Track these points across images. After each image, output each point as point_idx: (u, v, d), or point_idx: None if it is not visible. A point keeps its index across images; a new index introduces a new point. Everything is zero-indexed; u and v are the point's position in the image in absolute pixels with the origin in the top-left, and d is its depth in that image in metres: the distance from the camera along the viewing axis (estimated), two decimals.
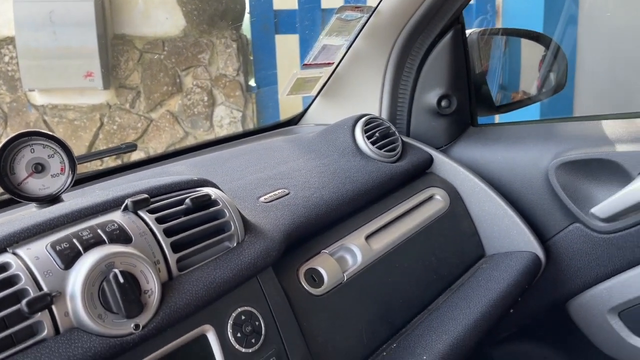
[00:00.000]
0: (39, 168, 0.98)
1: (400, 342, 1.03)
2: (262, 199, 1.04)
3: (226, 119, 4.06)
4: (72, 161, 0.99)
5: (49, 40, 3.74)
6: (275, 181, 1.12)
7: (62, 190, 0.95)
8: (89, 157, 1.37)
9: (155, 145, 4.02)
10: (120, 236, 0.75)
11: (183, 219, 0.81)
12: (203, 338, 0.78)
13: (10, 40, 3.80)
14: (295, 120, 1.64)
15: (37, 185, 0.97)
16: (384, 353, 1.00)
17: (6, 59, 3.86)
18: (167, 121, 4.03)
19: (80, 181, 1.22)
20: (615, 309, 1.17)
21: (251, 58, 4.02)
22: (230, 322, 0.81)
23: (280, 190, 1.08)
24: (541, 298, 1.29)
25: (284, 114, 3.91)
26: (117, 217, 0.78)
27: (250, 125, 4.08)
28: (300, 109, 1.64)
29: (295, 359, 0.86)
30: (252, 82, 4.08)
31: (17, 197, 0.90)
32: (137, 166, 1.36)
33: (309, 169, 1.19)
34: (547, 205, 1.24)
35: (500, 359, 1.45)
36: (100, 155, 1.45)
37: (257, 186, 1.09)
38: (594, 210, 1.17)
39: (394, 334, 1.05)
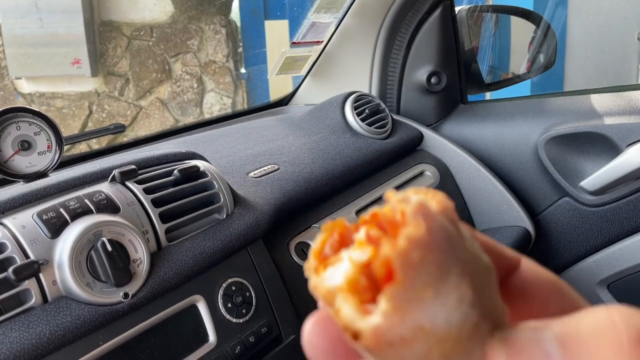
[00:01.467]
0: (25, 145, 0.97)
1: None
2: (251, 174, 1.04)
3: (216, 105, 4.04)
4: (59, 138, 0.98)
5: (35, 27, 3.69)
6: (265, 157, 1.12)
7: (49, 168, 0.94)
8: (77, 137, 1.35)
9: (145, 133, 3.99)
10: (107, 206, 0.74)
11: (171, 189, 0.81)
12: (193, 308, 0.78)
13: None
14: (285, 101, 1.63)
15: (24, 163, 0.95)
16: None
17: None
18: (157, 108, 4.00)
19: (67, 162, 1.21)
20: (604, 281, 1.18)
21: (240, 44, 3.99)
22: (221, 292, 0.80)
23: (269, 166, 1.07)
24: None
25: None
26: (104, 187, 0.77)
27: None
28: None
29: (286, 330, 0.86)
30: (242, 69, 4.06)
31: (3, 174, 0.89)
32: (125, 147, 1.35)
33: (298, 146, 1.19)
34: (537, 180, 1.25)
35: None
36: (88, 136, 1.43)
37: (247, 162, 1.08)
38: (582, 183, 1.17)
39: None
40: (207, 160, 0.91)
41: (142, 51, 3.90)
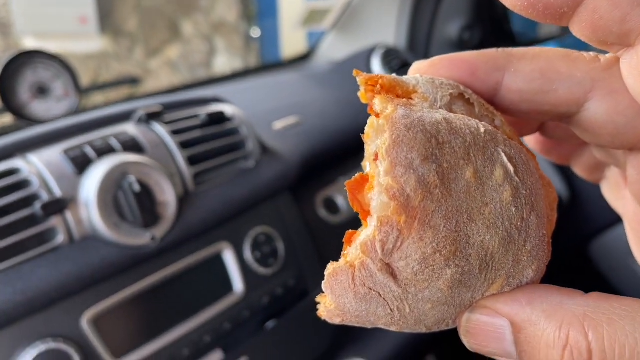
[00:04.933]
0: (42, 90, 0.94)
1: None
2: (276, 126, 1.00)
3: (227, 67, 3.96)
4: (77, 83, 0.94)
5: None
6: (290, 110, 1.07)
7: (69, 114, 0.91)
8: (91, 88, 1.31)
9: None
10: (133, 146, 0.70)
11: (199, 132, 0.77)
12: (221, 256, 0.75)
13: None
14: (307, 57, 1.58)
15: (42, 108, 0.92)
16: None
17: None
18: (166, 70, 3.93)
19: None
20: None
21: (252, 3, 3.90)
22: (249, 241, 0.77)
23: (295, 119, 1.03)
24: (562, 241, 1.26)
25: None
26: (130, 128, 0.74)
27: None
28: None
29: (313, 285, 0.83)
30: (253, 29, 3.98)
31: (24, 118, 0.86)
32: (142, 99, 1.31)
33: (324, 100, 1.14)
34: None
35: None
36: (102, 87, 1.39)
37: (271, 114, 1.04)
38: None
39: None
40: (234, 105, 0.87)
41: (151, 11, 3.82)
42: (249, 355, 0.72)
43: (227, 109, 0.83)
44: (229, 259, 0.75)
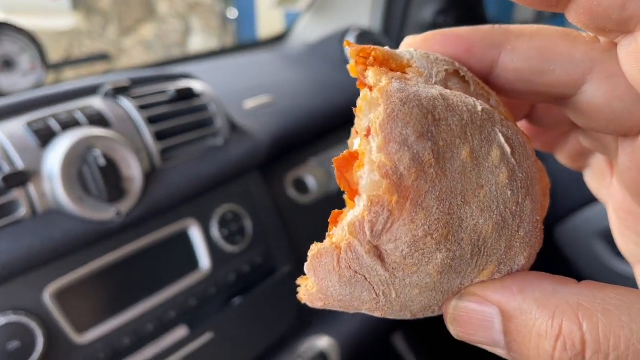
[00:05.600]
0: (8, 63, 0.92)
1: None
2: (248, 105, 0.99)
3: (202, 47, 3.91)
4: (43, 57, 0.92)
5: None
6: (262, 89, 1.07)
7: (34, 88, 0.90)
8: (59, 64, 1.29)
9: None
10: (99, 120, 0.70)
11: (166, 108, 0.76)
12: (187, 232, 0.75)
13: None
14: (282, 37, 1.57)
15: (7, 81, 0.91)
16: None
17: None
18: (139, 50, 3.86)
19: None
20: (602, 232, 1.18)
21: None
22: (216, 218, 0.77)
23: (267, 98, 1.03)
24: None
25: None
26: (96, 101, 0.73)
27: None
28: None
29: (281, 261, 0.84)
30: (230, 9, 3.93)
31: None
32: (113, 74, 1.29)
33: (297, 80, 1.14)
34: None
35: None
36: (71, 62, 1.37)
37: (242, 93, 1.03)
38: None
39: None
40: (203, 82, 0.87)
41: None
42: (214, 330, 0.72)
43: (195, 85, 0.82)
44: (195, 235, 0.75)
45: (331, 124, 1.05)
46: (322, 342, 0.80)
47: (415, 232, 0.20)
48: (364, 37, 1.22)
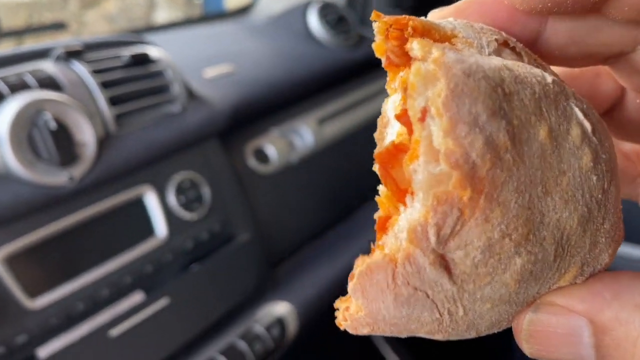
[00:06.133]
0: None
1: (347, 224, 1.03)
2: (208, 74, 0.98)
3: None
4: None
5: None
6: (224, 59, 1.06)
7: None
8: (14, 32, 1.25)
9: None
10: (50, 83, 0.68)
11: (121, 73, 0.75)
12: (143, 199, 0.74)
13: None
14: (247, 10, 1.55)
15: None
16: (330, 234, 1.00)
17: None
18: (102, 24, 3.76)
19: None
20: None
21: None
22: (173, 186, 0.77)
23: (228, 68, 1.02)
24: None
25: None
26: (48, 65, 0.71)
27: None
28: None
29: (240, 230, 0.84)
30: None
31: None
32: None
33: (260, 51, 1.13)
34: None
35: None
36: (25, 31, 1.32)
37: (203, 62, 1.02)
38: None
39: (343, 217, 1.05)
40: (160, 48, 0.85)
41: None
42: (171, 296, 0.72)
43: (152, 51, 0.81)
44: (151, 202, 0.75)
45: (293, 95, 1.04)
46: (281, 308, 0.81)
47: (491, 233, 0.17)
48: (327, 10, 1.22)
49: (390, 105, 0.23)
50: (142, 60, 0.77)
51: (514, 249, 0.17)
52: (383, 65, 0.20)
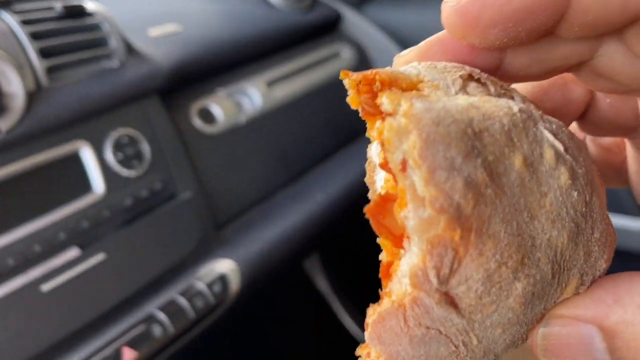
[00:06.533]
0: None
1: (296, 186, 1.02)
2: (153, 33, 0.96)
3: None
4: None
5: None
6: (170, 18, 1.03)
7: None
8: None
9: None
10: None
11: (53, 24, 0.73)
12: (78, 154, 0.73)
13: None
14: None
15: None
16: (279, 196, 1.00)
17: None
18: None
19: None
20: None
21: None
22: (110, 141, 0.75)
23: (174, 27, 1.00)
24: None
25: None
26: None
27: None
28: None
29: (183, 188, 0.83)
30: None
31: None
32: None
33: (208, 11, 1.11)
34: None
35: None
36: None
37: (146, 20, 1.00)
38: None
39: (291, 180, 1.04)
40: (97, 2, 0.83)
41: None
42: (107, 252, 0.72)
43: (88, 3, 0.79)
44: (88, 158, 0.73)
45: (242, 56, 1.03)
46: (224, 265, 0.81)
47: (487, 265, 0.18)
48: None
49: (374, 151, 0.24)
50: (76, 12, 0.75)
51: (512, 275, 0.18)
52: (360, 115, 0.21)
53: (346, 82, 0.21)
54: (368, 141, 0.24)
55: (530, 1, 0.19)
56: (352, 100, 0.21)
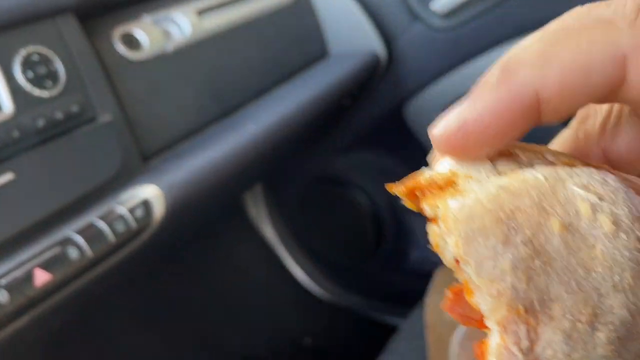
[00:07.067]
0: None
1: (227, 120, 1.00)
2: None
3: None
4: None
5: None
6: None
7: None
8: None
9: None
10: None
11: None
12: None
13: None
14: None
15: None
16: (210, 129, 0.97)
17: None
18: None
19: None
20: (446, 107, 1.22)
21: None
22: (19, 59, 0.71)
23: None
24: (379, 102, 1.31)
25: None
26: None
27: None
28: None
29: (103, 111, 0.79)
30: None
31: None
32: None
33: None
34: (394, 4, 1.23)
35: (340, 171, 1.50)
36: None
37: None
38: (434, 7, 1.17)
39: (224, 115, 1.01)
40: None
41: None
42: (16, 172, 0.68)
43: None
44: None
45: None
46: (147, 191, 0.79)
47: (562, 325, 0.19)
48: None
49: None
50: None
51: (589, 328, 0.19)
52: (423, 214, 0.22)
53: (396, 192, 0.23)
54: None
55: (503, 123, 0.20)
56: (407, 204, 0.23)
